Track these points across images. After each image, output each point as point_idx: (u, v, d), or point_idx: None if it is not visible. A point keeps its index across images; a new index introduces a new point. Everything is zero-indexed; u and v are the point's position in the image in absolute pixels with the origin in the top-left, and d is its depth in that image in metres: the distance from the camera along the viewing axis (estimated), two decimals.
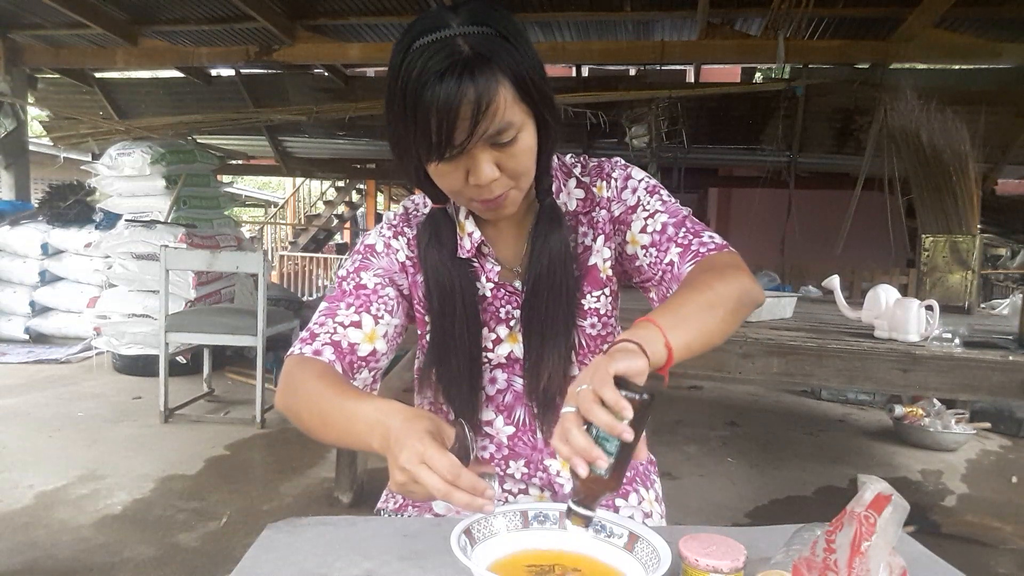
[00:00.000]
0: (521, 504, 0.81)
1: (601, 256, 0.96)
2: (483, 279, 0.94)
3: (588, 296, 0.96)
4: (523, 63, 0.77)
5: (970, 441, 3.61)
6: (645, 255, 0.93)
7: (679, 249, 0.89)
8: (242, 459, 3.08)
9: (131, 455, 3.02)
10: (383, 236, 0.96)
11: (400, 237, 0.96)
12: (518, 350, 0.95)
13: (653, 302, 0.96)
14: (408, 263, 0.95)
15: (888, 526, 0.60)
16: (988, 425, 3.71)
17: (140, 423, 3.48)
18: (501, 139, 0.77)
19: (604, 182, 0.97)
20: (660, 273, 0.91)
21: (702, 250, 0.88)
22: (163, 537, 2.26)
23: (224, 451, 3.14)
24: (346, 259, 0.97)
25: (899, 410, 3.62)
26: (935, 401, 3.61)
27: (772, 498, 2.87)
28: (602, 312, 0.96)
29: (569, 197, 0.97)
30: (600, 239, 0.96)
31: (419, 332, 0.98)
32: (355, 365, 0.89)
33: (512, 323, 0.95)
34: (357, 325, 0.89)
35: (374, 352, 0.90)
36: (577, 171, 0.98)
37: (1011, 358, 1.86)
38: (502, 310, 0.95)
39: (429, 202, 0.95)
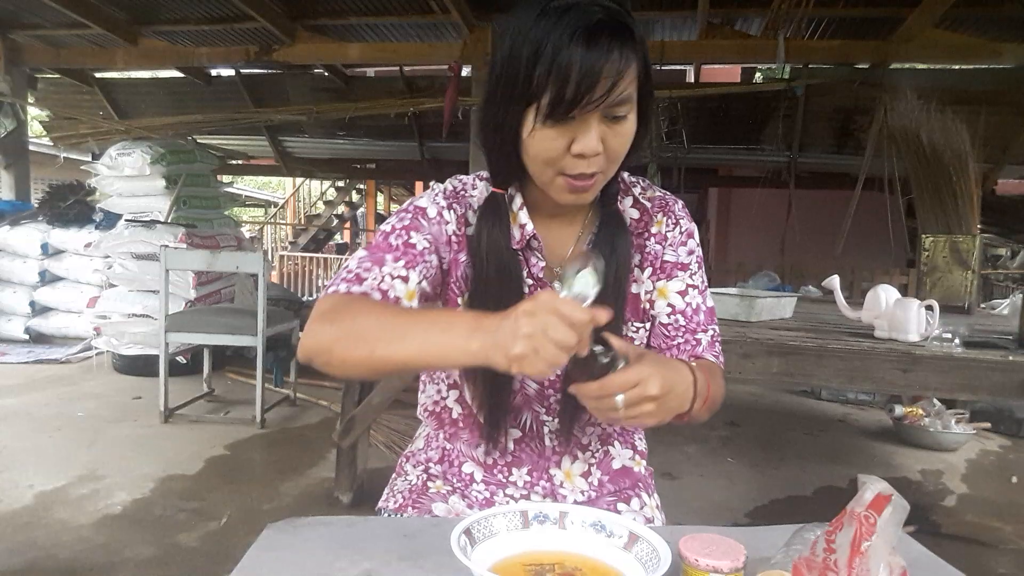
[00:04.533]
0: (521, 504, 0.81)
1: (644, 288, 0.96)
2: (524, 273, 0.93)
3: (628, 323, 0.95)
4: (646, 51, 0.81)
5: (970, 441, 3.61)
6: (669, 316, 0.96)
7: (708, 340, 0.96)
8: (242, 459, 3.08)
9: (131, 455, 3.02)
10: (437, 204, 0.92)
11: (451, 211, 0.93)
12: None
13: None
14: (454, 239, 0.92)
15: (888, 526, 0.60)
16: (988, 425, 3.71)
17: (140, 423, 3.48)
18: (618, 112, 0.79)
19: (667, 218, 0.97)
20: (681, 343, 0.95)
21: (720, 358, 0.97)
22: (163, 537, 2.26)
23: (224, 451, 3.14)
24: (392, 216, 0.93)
25: (899, 410, 3.62)
26: (935, 401, 3.61)
27: (772, 498, 2.87)
28: (636, 343, 0.96)
29: (623, 213, 0.96)
30: (648, 271, 0.96)
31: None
32: None
33: None
34: (404, 280, 0.85)
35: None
36: (636, 191, 0.98)
37: (1011, 358, 1.85)
38: None
39: (479, 183, 0.95)
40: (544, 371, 0.64)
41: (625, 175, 0.98)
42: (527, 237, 0.92)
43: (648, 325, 0.97)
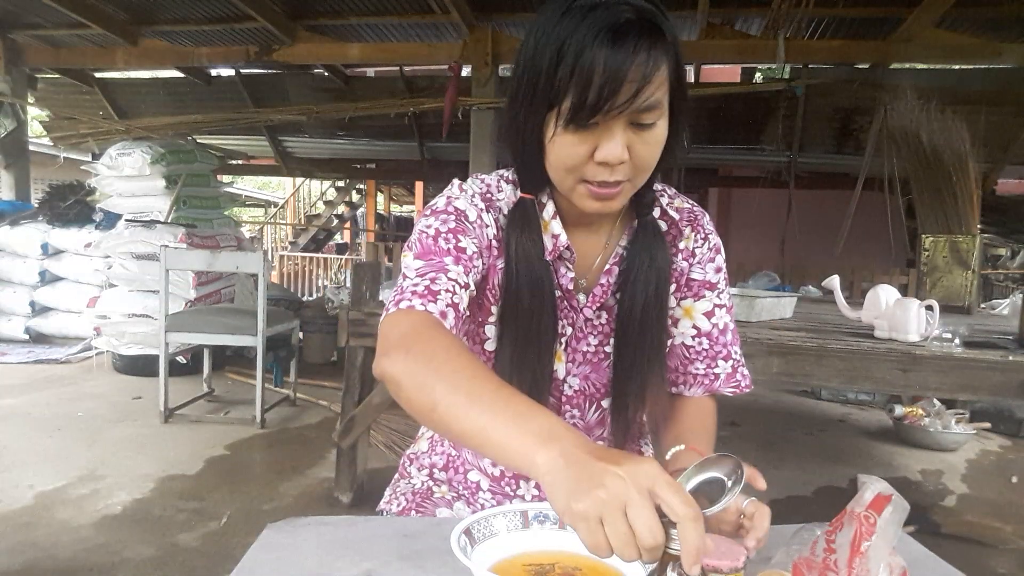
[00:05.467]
0: (521, 504, 0.81)
1: (668, 304, 0.92)
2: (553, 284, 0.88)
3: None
4: (679, 54, 0.75)
5: (970, 441, 3.61)
6: (695, 339, 0.93)
7: (728, 369, 0.94)
8: (242, 459, 3.08)
9: (131, 455, 3.02)
10: (476, 206, 0.86)
11: (488, 213, 0.87)
12: (561, 370, 0.91)
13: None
14: (495, 243, 0.87)
15: (888, 526, 0.60)
16: (988, 425, 3.72)
17: (140, 423, 3.48)
18: (645, 119, 0.73)
19: (695, 233, 0.93)
20: (699, 373, 0.94)
21: (743, 383, 0.95)
22: (163, 537, 2.26)
23: (224, 451, 3.14)
24: (427, 216, 0.86)
25: (899, 410, 3.62)
26: (935, 401, 3.61)
27: (772, 498, 2.86)
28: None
29: None
30: (672, 287, 0.93)
31: (479, 320, 0.90)
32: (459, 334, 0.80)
33: (564, 339, 0.90)
34: (466, 287, 0.79)
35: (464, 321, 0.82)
36: (664, 200, 0.93)
37: (1011, 358, 1.86)
38: (559, 323, 0.89)
39: (504, 185, 0.89)
40: (598, 549, 0.50)
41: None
42: (560, 248, 0.87)
43: (671, 343, 0.95)
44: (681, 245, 0.93)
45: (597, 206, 0.79)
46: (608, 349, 0.91)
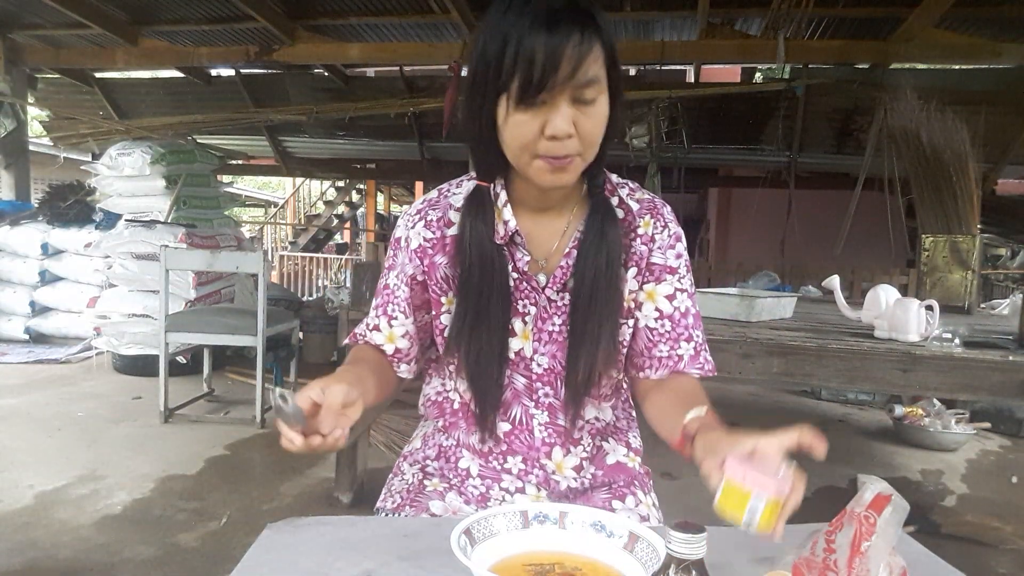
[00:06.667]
0: (521, 504, 0.81)
1: (628, 287, 0.96)
2: (509, 268, 0.94)
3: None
4: (612, 37, 0.84)
5: (970, 441, 3.61)
6: (657, 321, 0.96)
7: (691, 351, 0.96)
8: (242, 459, 3.08)
9: (131, 455, 3.02)
10: (407, 227, 0.98)
11: (424, 225, 0.96)
12: (528, 348, 0.95)
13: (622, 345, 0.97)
14: (426, 244, 0.96)
15: (888, 526, 0.60)
16: (988, 425, 3.71)
17: (140, 423, 3.48)
18: (586, 95, 0.81)
19: (655, 221, 0.97)
20: (663, 356, 0.96)
21: (707, 367, 0.97)
22: (163, 537, 2.26)
23: (224, 451, 3.14)
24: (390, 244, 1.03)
25: (899, 410, 3.62)
26: (935, 401, 3.61)
27: None
28: (620, 339, 0.96)
29: None
30: (632, 270, 0.96)
31: (433, 312, 0.98)
32: (391, 360, 1.00)
33: (527, 319, 0.95)
34: (377, 329, 0.99)
35: (398, 351, 0.99)
36: (624, 192, 0.98)
37: (1011, 358, 1.85)
38: (520, 303, 0.94)
39: (466, 183, 0.97)
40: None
41: (613, 177, 0.98)
42: (510, 233, 0.93)
43: (631, 322, 0.97)
44: (640, 231, 0.97)
45: (552, 178, 0.85)
46: None
